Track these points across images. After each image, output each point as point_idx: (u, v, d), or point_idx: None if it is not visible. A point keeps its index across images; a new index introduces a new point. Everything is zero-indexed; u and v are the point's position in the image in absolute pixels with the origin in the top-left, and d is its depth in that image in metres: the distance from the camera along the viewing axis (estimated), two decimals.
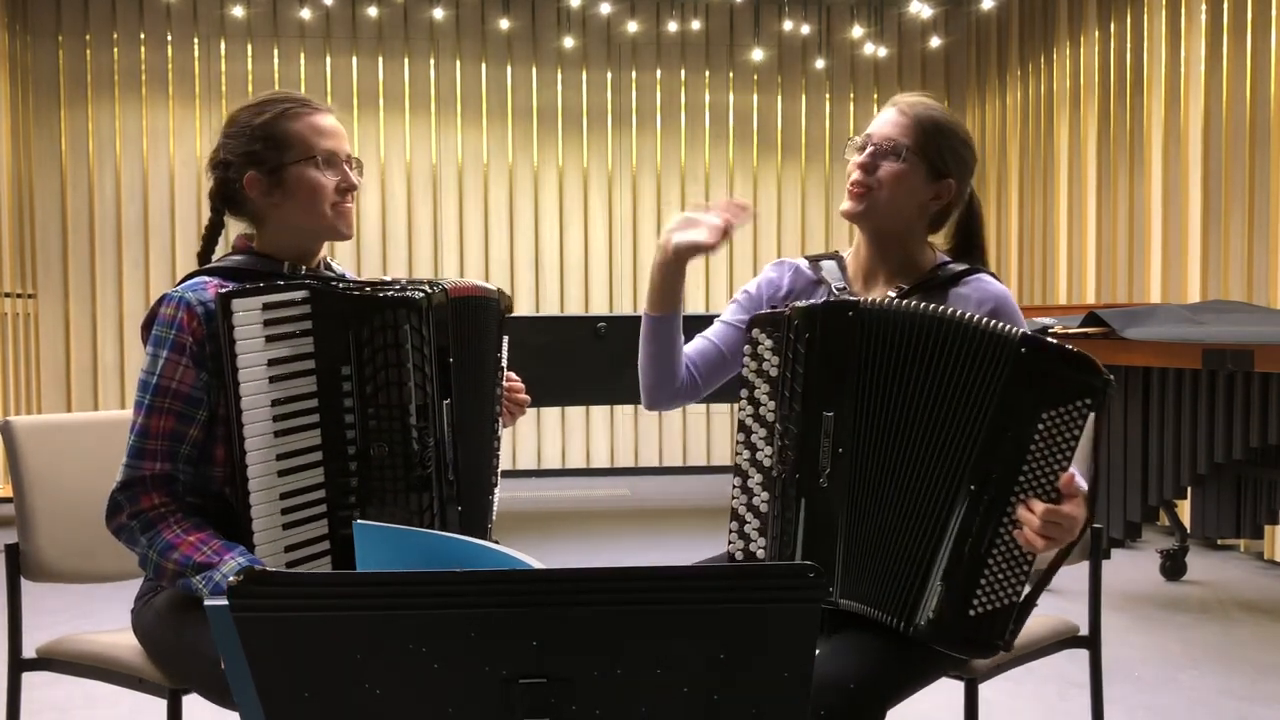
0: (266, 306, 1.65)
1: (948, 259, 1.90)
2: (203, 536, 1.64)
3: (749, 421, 1.73)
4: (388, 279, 1.77)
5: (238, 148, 1.77)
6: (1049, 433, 1.54)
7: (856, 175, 1.83)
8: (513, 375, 2.05)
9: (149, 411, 1.69)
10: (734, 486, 1.75)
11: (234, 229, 1.87)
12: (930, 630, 1.60)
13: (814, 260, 1.96)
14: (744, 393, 1.73)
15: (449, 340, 1.75)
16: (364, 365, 1.67)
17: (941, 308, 1.63)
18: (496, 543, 1.88)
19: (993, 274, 1.88)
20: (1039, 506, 1.52)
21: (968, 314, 1.61)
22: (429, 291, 1.70)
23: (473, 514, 1.84)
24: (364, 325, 1.67)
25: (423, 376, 1.69)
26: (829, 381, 1.64)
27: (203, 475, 1.73)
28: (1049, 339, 1.58)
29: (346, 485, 1.69)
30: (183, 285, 1.74)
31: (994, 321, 1.60)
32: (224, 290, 1.65)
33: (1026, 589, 1.61)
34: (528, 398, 2.07)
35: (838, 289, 1.86)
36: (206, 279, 1.75)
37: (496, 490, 1.97)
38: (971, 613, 1.58)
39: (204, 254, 1.86)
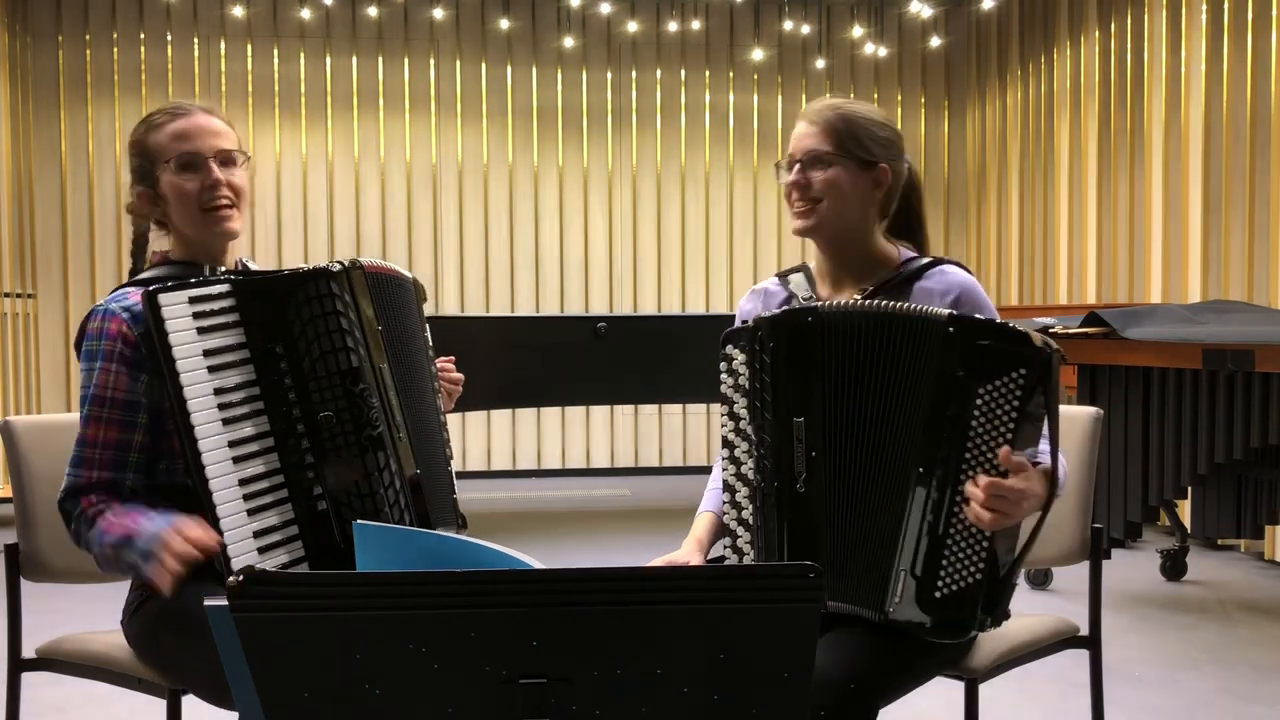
0: (193, 300, 1.69)
1: (912, 254, 1.90)
2: (131, 514, 1.67)
3: (731, 436, 1.75)
4: (303, 266, 1.80)
5: (130, 166, 1.86)
6: (987, 408, 1.54)
7: (793, 194, 1.84)
8: (444, 358, 2.07)
9: (87, 421, 1.73)
10: (724, 502, 1.77)
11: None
12: (901, 616, 1.62)
13: (783, 276, 1.97)
14: (724, 409, 1.76)
15: (373, 308, 1.79)
16: (296, 340, 1.71)
17: (882, 302, 1.66)
18: (463, 517, 1.89)
19: (958, 264, 1.88)
20: (982, 480, 1.53)
21: (902, 304, 1.64)
22: (344, 265, 1.76)
23: (433, 477, 1.86)
24: (288, 302, 1.71)
25: (355, 341, 1.73)
26: (796, 387, 1.67)
27: (169, 470, 1.76)
28: (977, 316, 1.60)
29: (303, 462, 1.71)
30: (105, 299, 1.79)
31: (922, 306, 1.63)
32: (148, 289, 1.68)
33: (1005, 563, 1.60)
34: (460, 376, 2.09)
35: (804, 299, 1.87)
36: (129, 289, 1.79)
37: (453, 464, 1.98)
38: (938, 594, 1.59)
39: (135, 267, 1.92)
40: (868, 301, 1.67)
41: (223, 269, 1.85)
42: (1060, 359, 1.54)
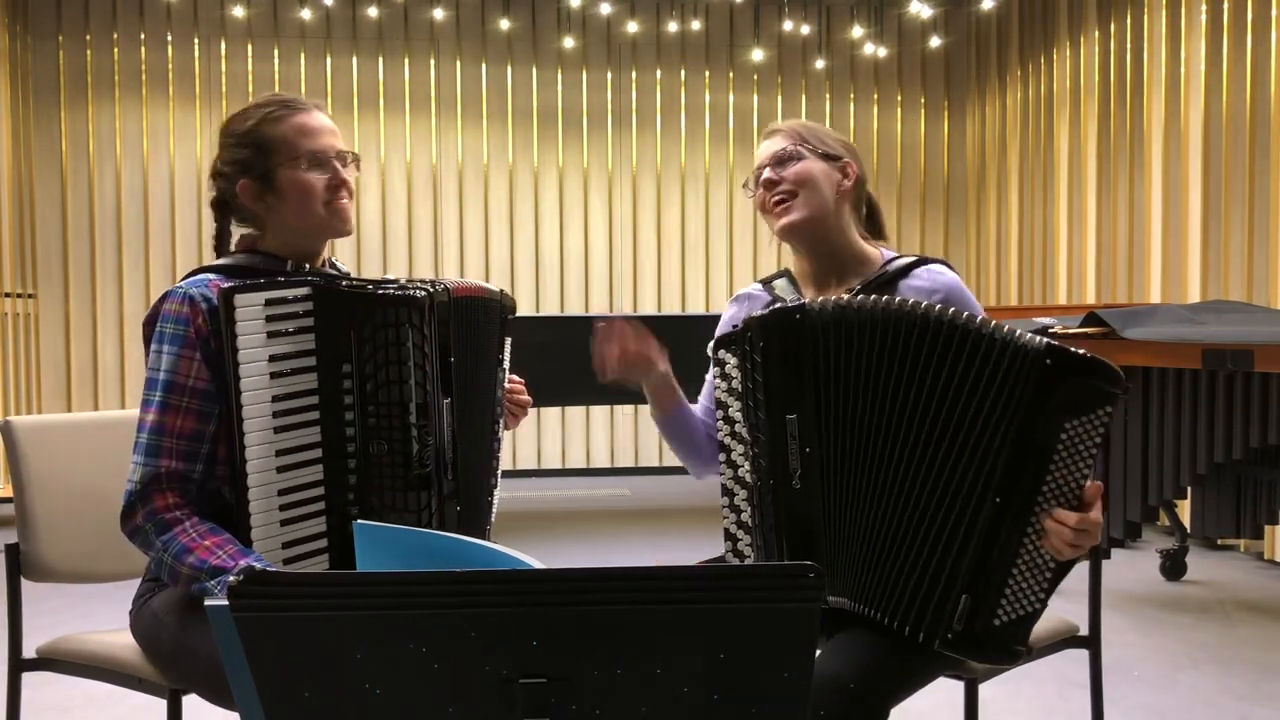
0: (269, 302, 1.65)
1: (894, 254, 1.94)
2: (218, 540, 1.63)
3: (728, 441, 1.75)
4: (391, 278, 1.77)
5: (230, 157, 1.79)
6: (1072, 442, 1.54)
7: (770, 192, 1.90)
8: (515, 377, 2.05)
9: (163, 409, 1.68)
10: (724, 507, 1.77)
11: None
12: (957, 642, 1.59)
13: (766, 281, 2.01)
14: (719, 414, 1.76)
15: (450, 340, 1.75)
16: (365, 363, 1.67)
17: (915, 304, 1.62)
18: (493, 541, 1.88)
19: (944, 262, 1.91)
20: (1070, 516, 1.53)
21: (973, 318, 1.59)
22: (431, 290, 1.70)
23: (472, 514, 1.84)
24: (366, 323, 1.67)
25: (423, 375, 1.69)
26: (788, 384, 1.66)
27: (208, 475, 1.73)
28: (1070, 348, 1.57)
29: (345, 483, 1.68)
30: (185, 282, 1.74)
31: (1011, 328, 1.58)
32: (226, 285, 1.65)
33: (1052, 592, 1.62)
34: (529, 399, 2.08)
35: (791, 301, 1.86)
36: (209, 276, 1.75)
37: (496, 491, 1.97)
38: (997, 622, 1.58)
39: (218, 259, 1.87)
40: (874, 299, 1.64)
41: (307, 267, 1.80)
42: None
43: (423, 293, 1.68)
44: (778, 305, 1.74)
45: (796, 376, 1.66)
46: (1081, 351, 1.56)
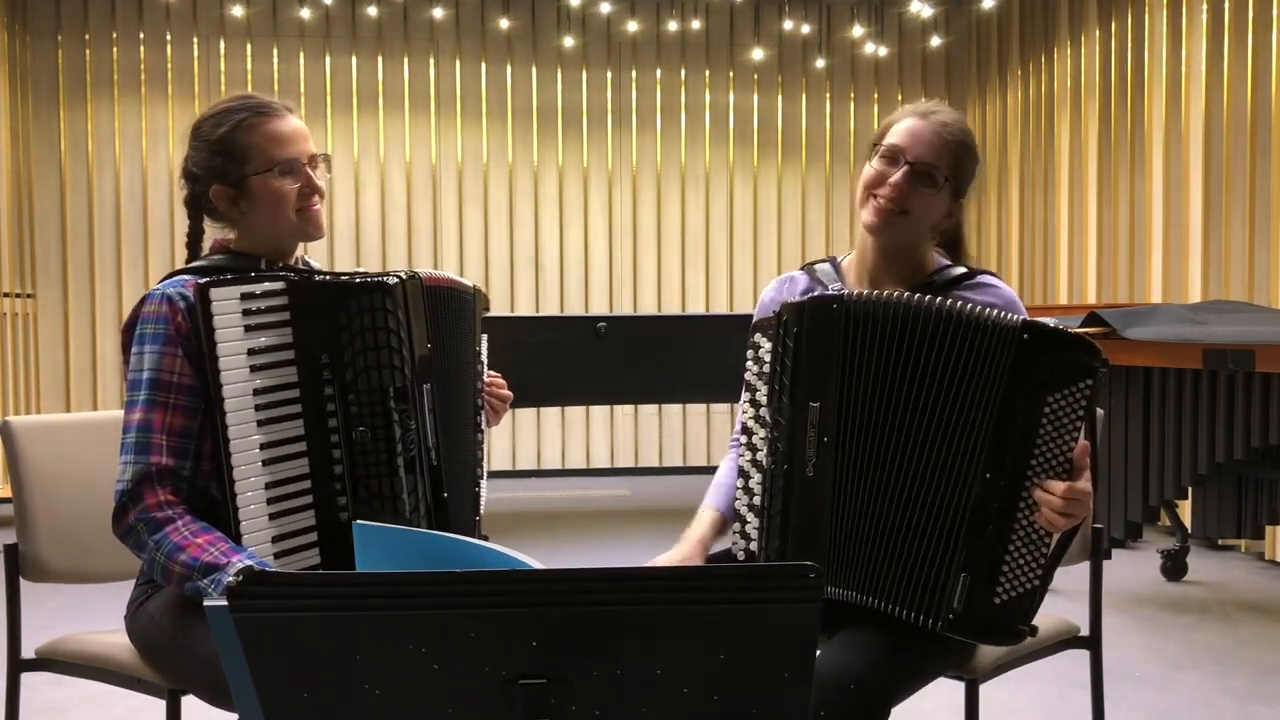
0: (244, 296, 1.67)
1: (948, 263, 1.91)
2: (210, 538, 1.63)
3: (751, 423, 1.76)
4: (362, 270, 1.80)
5: (202, 161, 1.81)
6: (1055, 415, 1.57)
7: (889, 193, 1.78)
8: (494, 373, 2.05)
9: (150, 406, 1.68)
10: (737, 488, 1.77)
11: (214, 232, 1.90)
12: (959, 623, 1.60)
13: (809, 266, 1.98)
14: (746, 396, 1.77)
15: (425, 326, 1.77)
16: (343, 351, 1.69)
17: (933, 298, 1.64)
18: (486, 537, 1.89)
19: (995, 275, 1.90)
20: (1058, 486, 1.55)
21: (964, 304, 1.62)
22: (403, 278, 1.73)
23: (460, 500, 1.85)
24: (341, 311, 1.69)
25: (401, 360, 1.71)
26: (815, 372, 1.67)
27: (195, 471, 1.73)
28: (1046, 322, 1.60)
29: (331, 472, 1.69)
30: (161, 284, 1.76)
31: (991, 309, 1.61)
32: (201, 281, 1.66)
33: (1052, 568, 1.62)
34: (509, 394, 2.07)
35: (833, 290, 1.87)
36: (185, 277, 1.76)
37: (484, 483, 1.97)
38: (997, 600, 1.59)
39: (191, 259, 1.88)
40: (909, 295, 1.65)
41: (280, 265, 1.82)
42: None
43: (395, 280, 1.71)
44: (817, 293, 1.75)
45: (825, 365, 1.67)
46: (1058, 327, 1.60)
